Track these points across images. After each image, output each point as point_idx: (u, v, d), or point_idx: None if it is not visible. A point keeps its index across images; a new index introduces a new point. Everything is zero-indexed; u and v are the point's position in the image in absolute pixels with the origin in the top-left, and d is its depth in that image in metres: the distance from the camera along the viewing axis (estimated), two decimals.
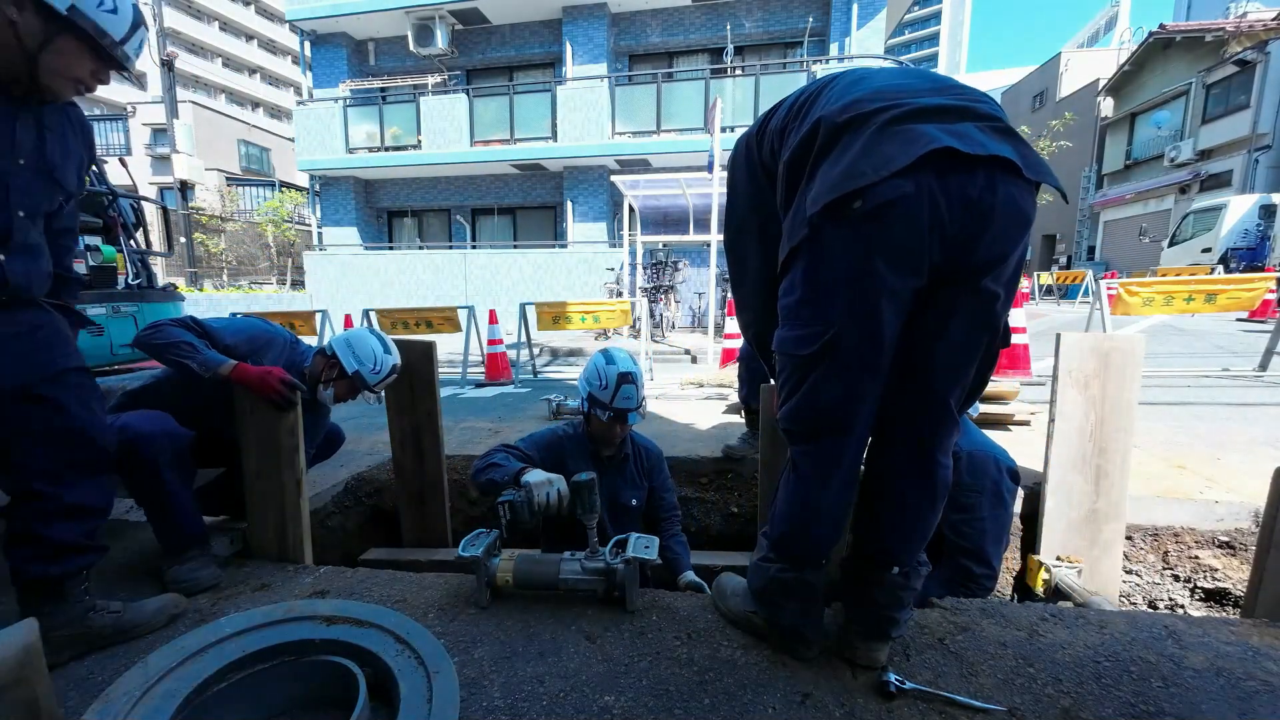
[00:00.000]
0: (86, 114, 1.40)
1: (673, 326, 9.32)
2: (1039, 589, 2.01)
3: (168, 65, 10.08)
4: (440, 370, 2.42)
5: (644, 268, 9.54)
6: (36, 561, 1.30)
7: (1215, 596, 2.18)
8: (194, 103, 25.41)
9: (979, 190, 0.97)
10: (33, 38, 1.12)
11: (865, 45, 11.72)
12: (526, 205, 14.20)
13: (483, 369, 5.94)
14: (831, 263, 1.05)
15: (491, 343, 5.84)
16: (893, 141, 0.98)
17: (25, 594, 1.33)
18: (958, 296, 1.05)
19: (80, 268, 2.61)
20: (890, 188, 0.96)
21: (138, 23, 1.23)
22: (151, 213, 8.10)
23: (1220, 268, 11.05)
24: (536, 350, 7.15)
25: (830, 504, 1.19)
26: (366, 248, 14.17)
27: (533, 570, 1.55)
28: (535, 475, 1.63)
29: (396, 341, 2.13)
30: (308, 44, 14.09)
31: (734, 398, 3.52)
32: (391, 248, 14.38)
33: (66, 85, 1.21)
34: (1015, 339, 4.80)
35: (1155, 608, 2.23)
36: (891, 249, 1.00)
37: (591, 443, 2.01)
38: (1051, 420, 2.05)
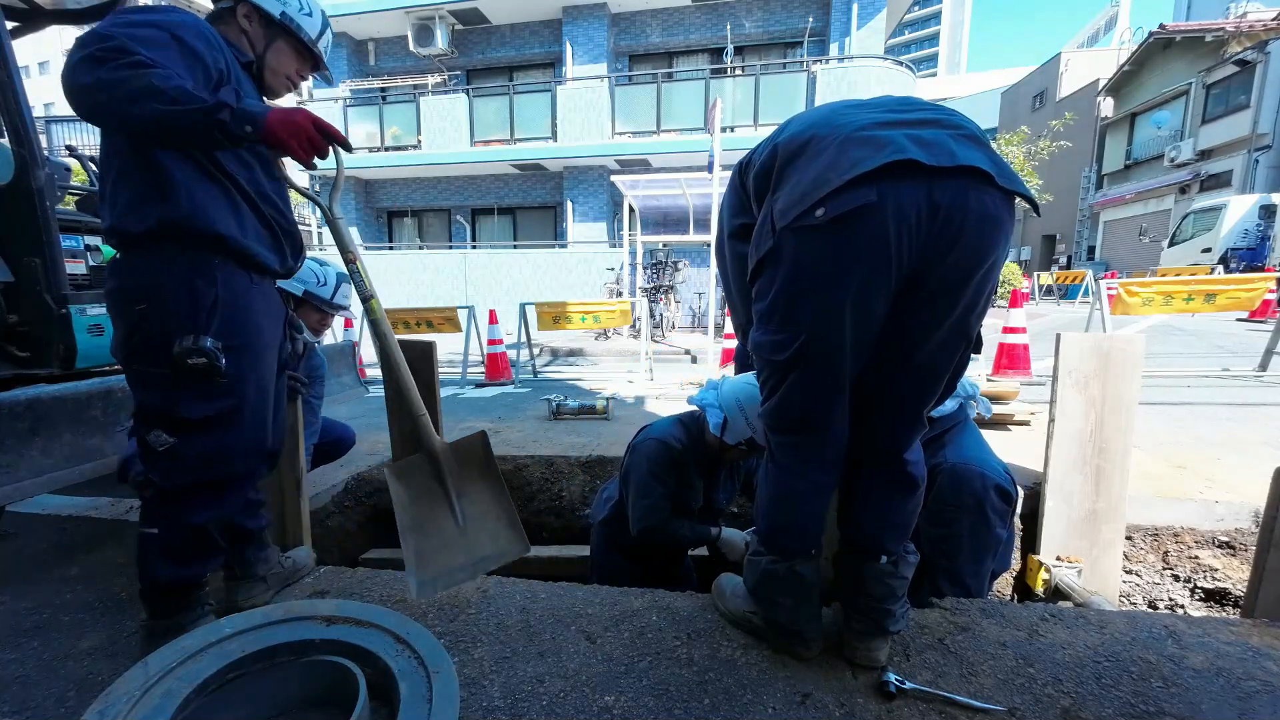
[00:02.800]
0: None
1: (673, 326, 9.32)
2: (1039, 589, 2.01)
3: None
4: (440, 370, 2.42)
5: (644, 268, 9.54)
6: (251, 518, 1.53)
7: (1215, 596, 2.18)
8: None
9: (950, 198, 0.96)
10: (260, 42, 1.37)
11: (865, 45, 11.72)
12: (526, 205, 14.20)
13: (483, 369, 5.94)
14: (797, 272, 1.06)
15: (491, 343, 5.83)
16: (862, 147, 0.98)
17: (242, 545, 1.55)
18: (933, 305, 1.05)
19: (80, 267, 2.61)
20: (854, 196, 0.96)
21: (325, 25, 1.48)
22: None
23: (1220, 268, 11.06)
24: (536, 350, 7.15)
25: (809, 492, 1.23)
26: (366, 248, 14.17)
27: None
28: (731, 536, 1.99)
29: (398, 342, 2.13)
30: None
31: None
32: (391, 248, 14.39)
33: (281, 83, 1.44)
34: (1015, 339, 4.80)
35: (1155, 608, 2.23)
36: (855, 257, 1.00)
37: (713, 460, 1.99)
38: (1051, 420, 2.05)
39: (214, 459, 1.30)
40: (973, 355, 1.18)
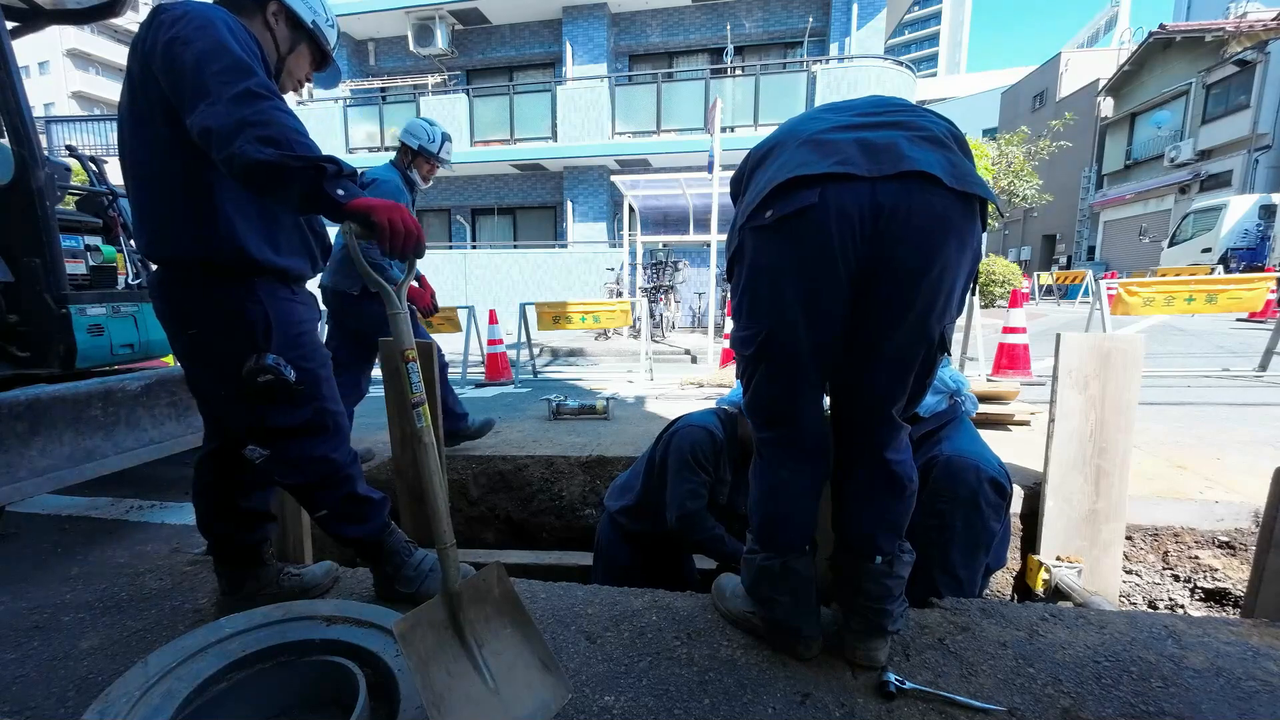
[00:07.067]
0: (87, 114, 1.45)
1: (673, 326, 9.32)
2: (1039, 589, 2.01)
3: None
4: None
5: (644, 268, 9.54)
6: (241, 531, 1.50)
7: (1215, 596, 2.18)
8: None
9: (893, 199, 0.98)
10: (285, 44, 1.38)
11: (865, 45, 11.72)
12: (526, 205, 14.19)
13: (483, 369, 5.94)
14: (755, 271, 1.13)
15: (491, 343, 5.83)
16: (812, 152, 1.04)
17: (234, 561, 1.52)
18: (888, 306, 1.07)
19: (80, 267, 2.61)
20: (798, 198, 1.01)
21: (338, 34, 1.52)
22: None
23: (1220, 268, 11.06)
24: (536, 350, 7.15)
25: (792, 484, 1.25)
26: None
27: None
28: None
29: None
30: None
31: None
32: None
33: (290, 85, 1.45)
34: (1015, 339, 4.79)
35: (1155, 608, 2.24)
36: (800, 257, 1.05)
37: (744, 457, 1.93)
38: (1051, 420, 2.05)
39: (317, 460, 1.37)
40: (948, 355, 1.19)
